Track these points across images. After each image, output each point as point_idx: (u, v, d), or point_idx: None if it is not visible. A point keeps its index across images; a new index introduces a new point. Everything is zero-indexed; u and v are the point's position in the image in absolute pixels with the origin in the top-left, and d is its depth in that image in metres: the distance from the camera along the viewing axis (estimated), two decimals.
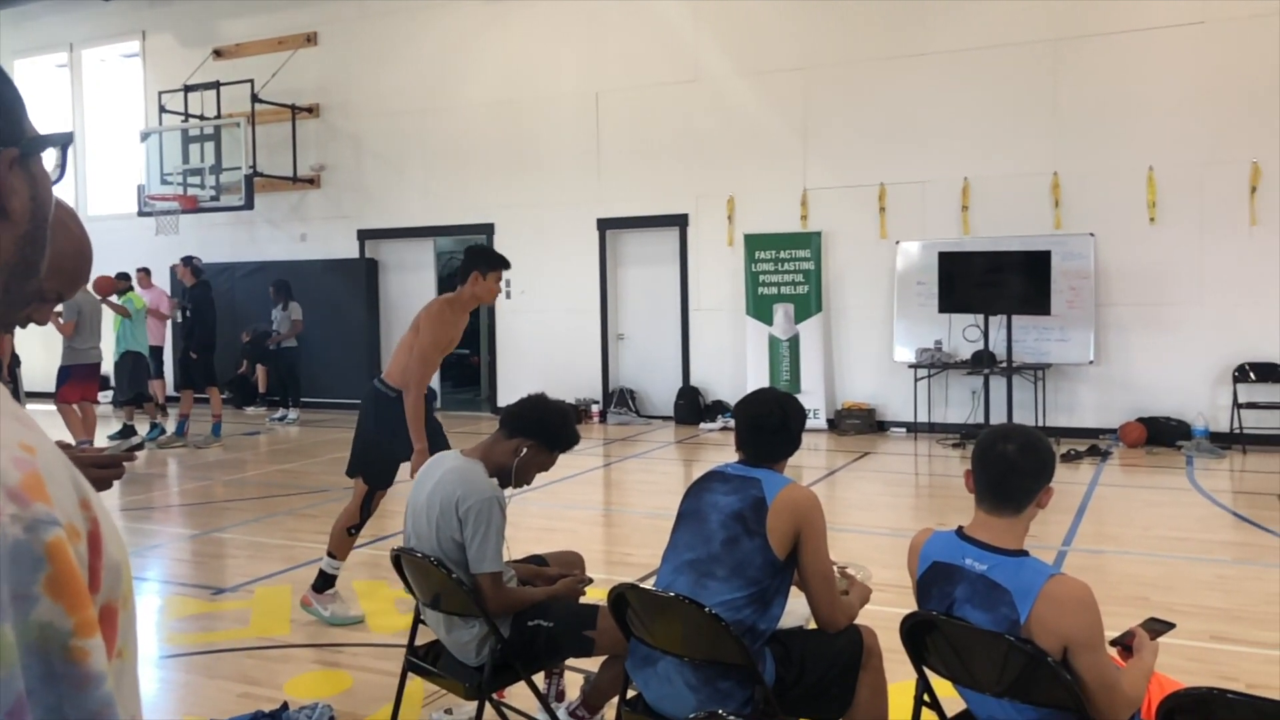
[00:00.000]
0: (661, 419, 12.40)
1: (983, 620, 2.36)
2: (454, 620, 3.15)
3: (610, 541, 6.73)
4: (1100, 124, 10.29)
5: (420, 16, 13.63)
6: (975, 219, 10.81)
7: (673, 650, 2.74)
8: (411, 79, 13.70)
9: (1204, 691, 2.02)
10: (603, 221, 12.70)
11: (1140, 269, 10.15)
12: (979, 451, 2.50)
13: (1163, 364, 10.09)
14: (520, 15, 13.05)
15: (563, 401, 3.39)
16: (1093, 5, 10.28)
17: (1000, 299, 10.04)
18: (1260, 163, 9.67)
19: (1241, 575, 5.54)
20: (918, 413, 10.88)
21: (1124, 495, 7.98)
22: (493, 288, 5.00)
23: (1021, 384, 10.39)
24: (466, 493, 3.07)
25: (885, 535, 6.51)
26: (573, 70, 12.74)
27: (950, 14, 10.84)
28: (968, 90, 10.78)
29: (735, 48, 11.89)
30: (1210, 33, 9.84)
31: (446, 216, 13.66)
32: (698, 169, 12.11)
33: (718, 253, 12.09)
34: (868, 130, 11.26)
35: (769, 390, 3.08)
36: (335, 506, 7.71)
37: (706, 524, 2.81)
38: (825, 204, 11.51)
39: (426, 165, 13.75)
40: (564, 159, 12.86)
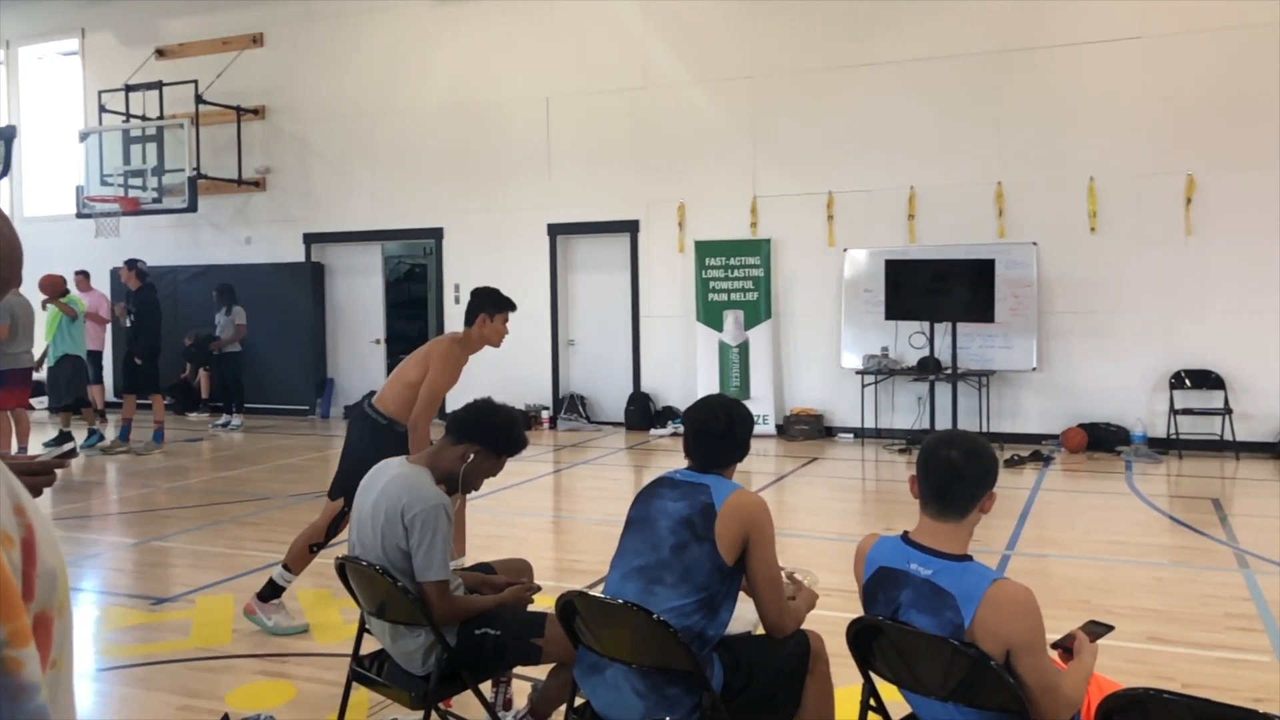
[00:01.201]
0: (612, 425, 12.39)
1: (927, 624, 2.39)
2: (400, 629, 3.11)
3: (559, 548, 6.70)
4: (1042, 135, 10.49)
5: (369, 19, 13.51)
6: (921, 228, 10.96)
7: (621, 657, 2.74)
8: (360, 82, 13.57)
9: (1141, 692, 2.05)
10: (553, 227, 12.67)
11: (1081, 277, 10.36)
12: (923, 458, 2.53)
13: (1103, 371, 10.30)
14: (470, 19, 12.99)
15: (509, 405, 3.36)
16: (1036, 19, 10.49)
17: (945, 306, 10.19)
18: (1195, 175, 9.93)
19: (1178, 578, 5.66)
20: (865, 418, 10.99)
21: (1066, 500, 8.13)
22: (500, 329, 5.17)
23: (966, 390, 10.54)
24: (412, 500, 3.03)
25: (833, 540, 6.56)
26: (523, 75, 12.71)
27: (897, 25, 10.99)
28: (914, 100, 10.94)
29: (686, 55, 11.94)
30: (1147, 48, 10.09)
31: (394, 221, 13.53)
32: (649, 175, 12.14)
33: (668, 259, 12.12)
34: (816, 138, 11.37)
35: (716, 397, 3.09)
36: (280, 514, 7.61)
37: (655, 530, 2.81)
38: (775, 211, 11.59)
39: (374, 169, 13.62)
40: (514, 164, 12.81)
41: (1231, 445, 9.66)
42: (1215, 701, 2.01)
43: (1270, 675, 4.11)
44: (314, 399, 13.95)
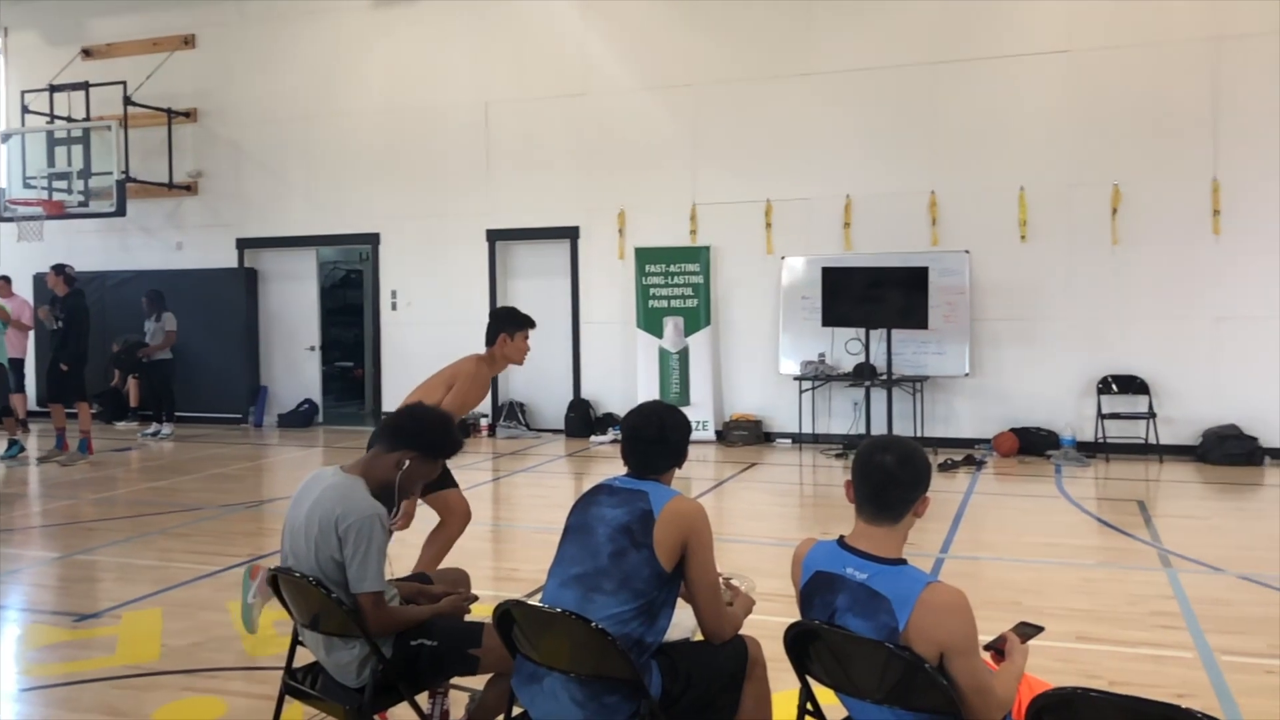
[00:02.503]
0: (552, 432, 12.35)
1: (863, 628, 2.41)
2: (334, 641, 3.06)
3: (498, 557, 6.65)
4: (975, 145, 10.71)
5: (304, 21, 13.32)
6: (857, 235, 11.11)
7: (559, 666, 2.72)
8: (295, 85, 13.37)
9: (1069, 691, 2.09)
10: (492, 233, 12.60)
11: (1012, 285, 10.59)
12: (858, 463, 2.55)
13: (1033, 376, 10.53)
14: (408, 23, 12.87)
15: (439, 407, 3.32)
16: (968, 31, 10.71)
17: (880, 313, 10.34)
18: (1121, 185, 10.21)
19: (1105, 578, 5.80)
20: (802, 424, 11.10)
21: (998, 503, 8.29)
22: (521, 346, 5.18)
23: (901, 395, 10.70)
24: (346, 510, 2.98)
25: (771, 545, 6.60)
26: (462, 80, 12.63)
27: (834, 36, 11.14)
28: (850, 110, 11.09)
29: (626, 62, 11.97)
30: (1075, 61, 10.35)
31: (330, 226, 13.35)
32: (589, 182, 12.13)
33: (608, 266, 12.13)
34: (755, 147, 11.47)
35: (651, 403, 3.09)
36: (210, 525, 7.44)
37: (593, 537, 2.81)
38: (714, 219, 11.66)
39: (309, 173, 13.42)
40: (453, 169, 12.72)
41: (1156, 448, 9.93)
42: (1140, 698, 2.06)
43: (1193, 671, 4.23)
44: (247, 407, 13.68)
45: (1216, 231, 9.95)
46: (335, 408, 14.63)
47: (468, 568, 3.77)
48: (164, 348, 12.58)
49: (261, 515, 7.87)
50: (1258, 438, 9.67)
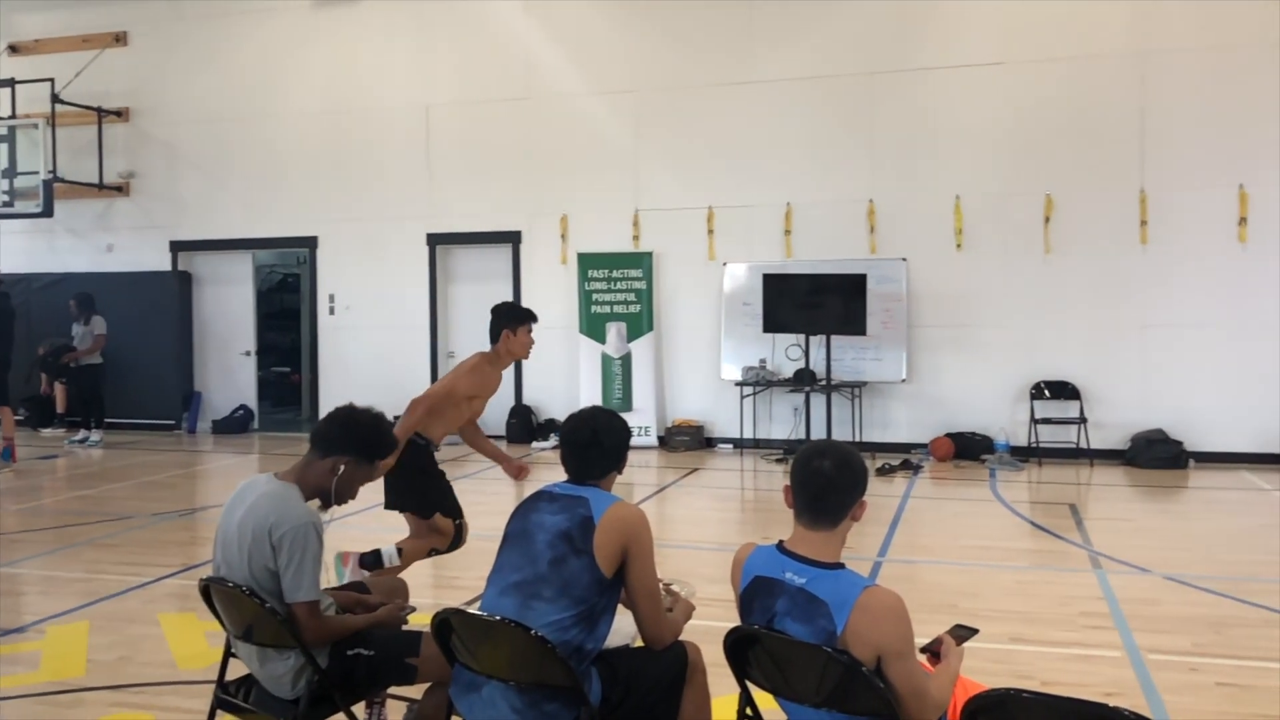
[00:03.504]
0: (493, 438, 12.19)
1: (802, 633, 2.42)
2: (268, 652, 2.99)
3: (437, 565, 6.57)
4: (912, 155, 10.89)
5: (241, 20, 13.09)
6: (797, 243, 11.22)
7: (498, 674, 2.70)
8: (231, 85, 13.13)
9: (1002, 692, 2.13)
10: (433, 236, 12.50)
11: (948, 292, 10.77)
12: (796, 468, 2.57)
13: (969, 382, 10.72)
14: (348, 24, 12.72)
15: (371, 408, 3.26)
16: (906, 42, 10.89)
17: (820, 320, 10.45)
18: (1053, 195, 10.45)
19: (1038, 580, 5.92)
20: (744, 429, 11.17)
21: (934, 507, 8.42)
22: (525, 340, 5.25)
23: (840, 401, 10.83)
24: (280, 518, 2.93)
25: (712, 550, 6.63)
26: (402, 82, 12.51)
27: (775, 45, 11.25)
28: (791, 119, 11.20)
29: (569, 67, 11.96)
30: (1009, 73, 10.58)
31: (267, 229, 13.13)
32: (531, 186, 12.09)
33: (551, 270, 12.09)
34: (697, 153, 11.54)
35: (588, 408, 3.10)
36: (141, 535, 7.26)
37: (533, 544, 2.79)
38: (656, 225, 11.70)
39: (246, 175, 13.18)
40: (393, 172, 12.59)
41: (1086, 453, 10.17)
42: (1070, 698, 2.10)
43: (1121, 670, 4.33)
44: (180, 413, 13.38)
45: (1144, 241, 10.23)
46: (271, 414, 14.39)
47: (406, 576, 3.73)
48: (93, 352, 12.25)
49: (194, 524, 7.70)
50: (1183, 442, 9.95)
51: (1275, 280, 9.89)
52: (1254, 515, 7.91)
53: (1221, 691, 4.10)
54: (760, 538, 2.77)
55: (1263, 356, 9.92)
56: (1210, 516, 8.07)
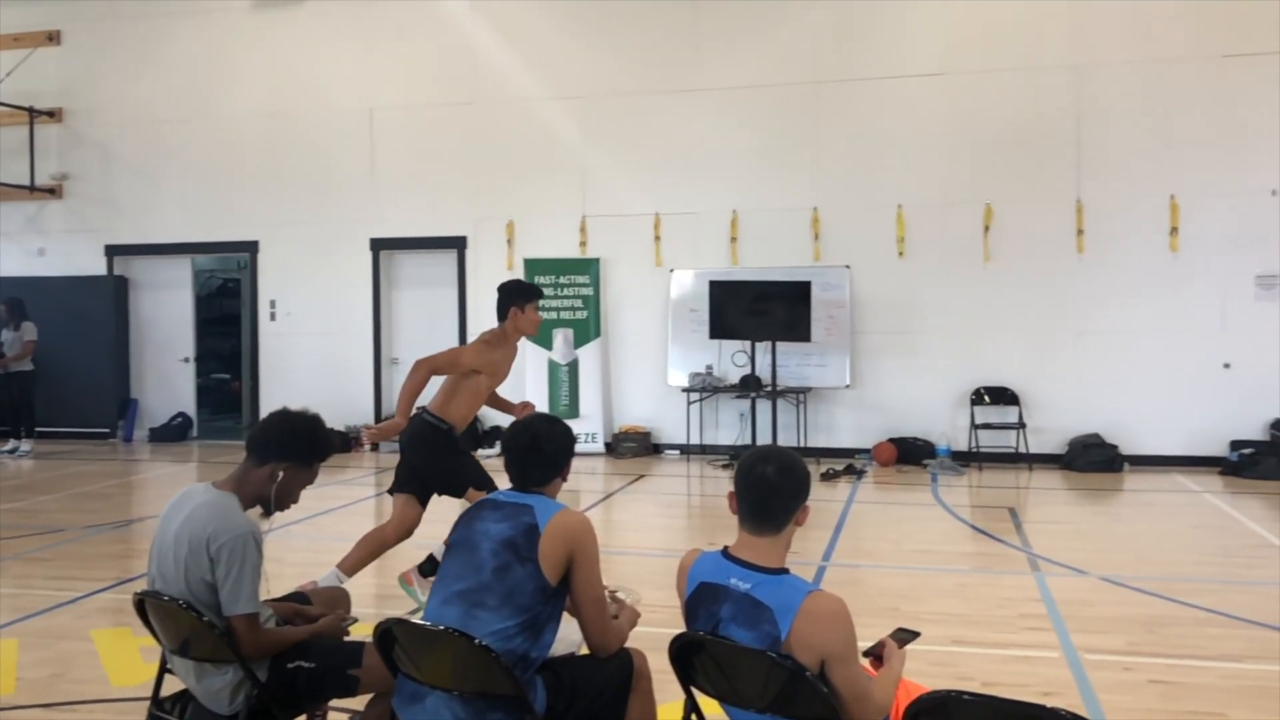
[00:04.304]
0: None
1: (746, 638, 2.43)
2: (205, 667, 2.93)
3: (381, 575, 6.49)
4: (855, 164, 11.02)
5: (180, 21, 12.85)
6: (743, 250, 11.29)
7: (442, 684, 2.67)
8: (168, 86, 12.88)
9: (943, 694, 2.16)
10: (377, 242, 12.37)
11: (890, 299, 10.92)
12: (740, 474, 2.59)
13: (910, 388, 10.87)
14: (290, 27, 12.56)
15: (306, 410, 3.21)
16: (850, 52, 11.03)
17: (765, 326, 10.54)
18: (992, 204, 10.65)
19: (978, 583, 6.02)
20: (690, 435, 11.20)
21: (877, 511, 8.52)
22: (533, 317, 5.27)
23: (785, 407, 10.91)
24: (218, 529, 2.87)
25: (659, 556, 6.64)
26: (346, 85, 12.37)
27: (722, 53, 11.32)
28: (737, 127, 11.28)
29: (515, 72, 11.92)
30: (949, 84, 10.77)
31: (206, 233, 12.89)
32: (477, 192, 12.03)
33: (497, 276, 11.97)
34: (644, 160, 11.56)
35: (532, 415, 3.09)
36: (74, 548, 7.06)
37: (477, 553, 2.77)
38: (603, 231, 11.70)
39: (184, 178, 12.94)
40: (336, 176, 12.44)
41: (1025, 457, 10.36)
42: (1008, 699, 2.14)
43: (1059, 670, 4.42)
44: (115, 421, 13.07)
45: (1080, 250, 10.46)
46: (210, 421, 14.12)
47: (349, 585, 3.67)
48: (23, 358, 11.91)
49: (130, 536, 7.52)
50: (1118, 445, 10.19)
51: (1205, 288, 10.18)
52: (1185, 517, 8.12)
53: (1154, 689, 4.19)
54: (706, 544, 2.77)
55: (1194, 362, 10.20)
56: (1144, 518, 8.27)
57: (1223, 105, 10.14)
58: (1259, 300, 10.12)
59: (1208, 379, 10.19)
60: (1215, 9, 10.15)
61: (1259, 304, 10.12)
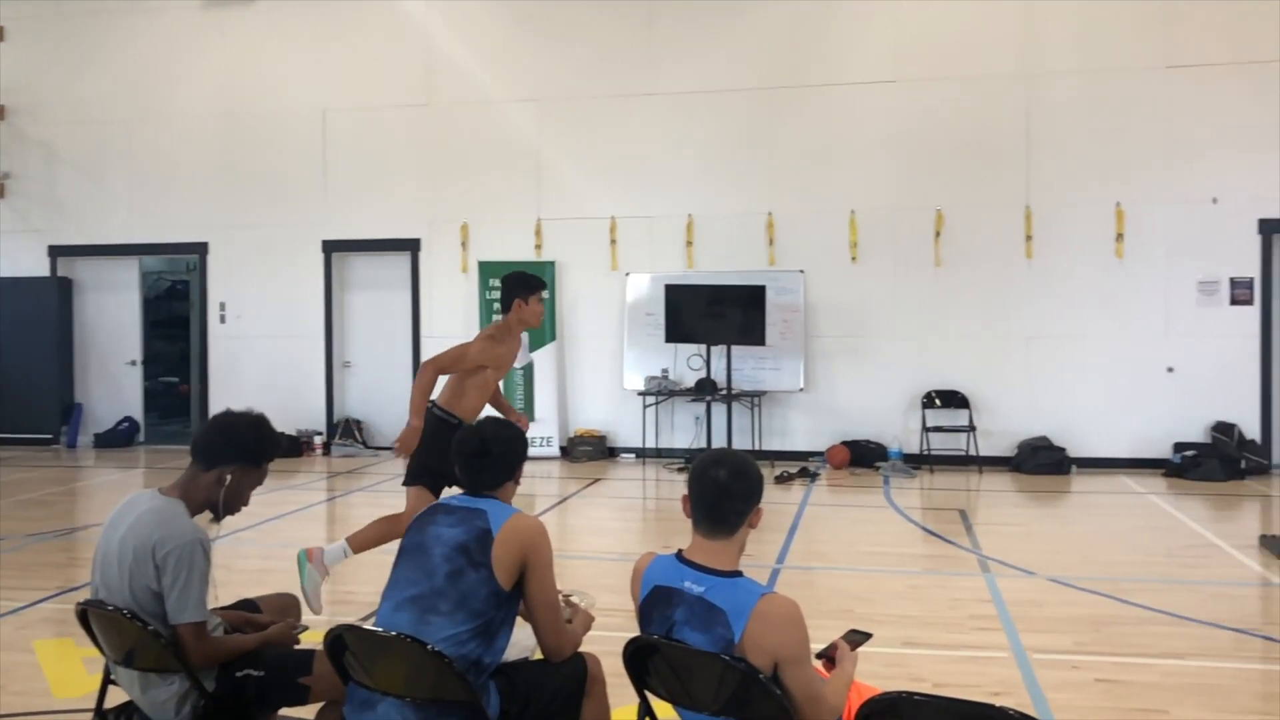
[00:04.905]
0: (390, 450, 12.02)
1: (700, 641, 2.44)
2: (150, 677, 2.87)
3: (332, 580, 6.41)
4: (809, 169, 11.11)
5: (128, 18, 12.62)
6: (699, 254, 11.33)
7: (394, 691, 2.65)
8: (115, 85, 12.64)
9: (894, 696, 2.18)
10: (329, 244, 12.23)
11: (843, 304, 11.02)
12: (693, 478, 2.60)
13: (863, 391, 10.98)
14: (241, 26, 12.38)
15: (248, 410, 3.16)
16: (805, 59, 11.12)
17: (721, 330, 10.58)
18: (943, 210, 10.79)
19: (930, 584, 6.09)
20: (646, 438, 11.21)
21: (831, 514, 8.58)
22: (536, 309, 5.31)
23: (740, 410, 10.96)
24: (164, 536, 2.81)
25: (614, 560, 6.63)
26: (298, 86, 12.23)
27: (678, 57, 11.36)
28: (692, 131, 11.32)
29: (470, 75, 11.86)
30: (901, 91, 10.89)
31: (154, 234, 12.66)
32: (430, 194, 11.95)
33: (451, 279, 11.95)
34: (599, 163, 11.56)
35: (484, 418, 3.07)
36: (13, 557, 6.90)
37: (429, 558, 2.75)
38: (559, 234, 11.67)
39: (131, 178, 12.70)
40: (287, 177, 12.29)
41: (975, 459, 10.50)
42: (959, 699, 2.16)
43: (1008, 670, 4.48)
44: (58, 426, 12.79)
45: (1029, 255, 10.63)
46: (158, 426, 13.86)
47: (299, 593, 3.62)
48: None
49: (73, 544, 7.36)
50: (1066, 448, 10.36)
51: (1149, 294, 10.40)
52: (1131, 518, 8.28)
53: (1100, 687, 4.27)
54: (661, 547, 2.78)
55: (1138, 366, 10.41)
56: (1091, 520, 8.42)
57: (1166, 115, 10.37)
58: (1200, 306, 10.36)
59: (1152, 383, 10.40)
60: (1159, 22, 10.38)
61: (1200, 309, 10.36)
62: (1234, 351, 10.31)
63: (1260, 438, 10.22)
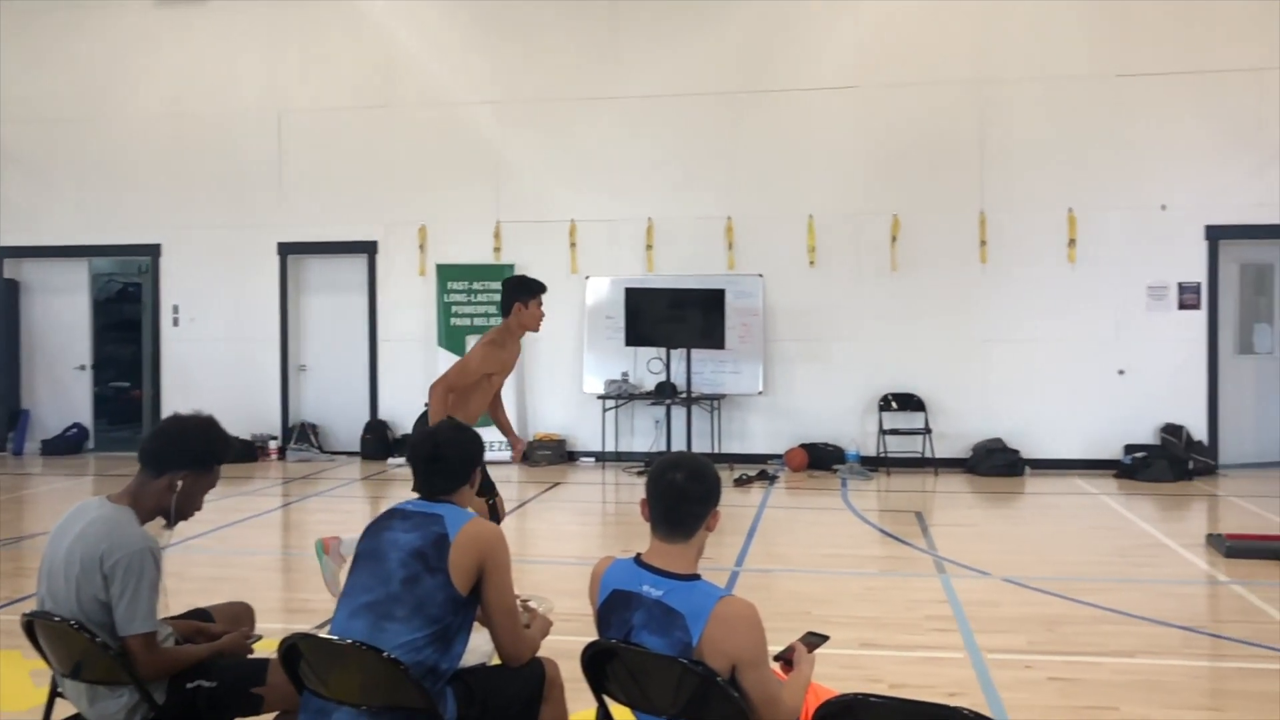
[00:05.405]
0: (347, 454, 11.92)
1: (658, 645, 2.44)
2: (98, 690, 2.81)
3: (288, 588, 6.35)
4: (768, 174, 11.18)
5: (76, 16, 12.38)
6: (659, 258, 11.35)
7: (350, 700, 2.62)
8: (64, 83, 12.40)
9: (851, 697, 2.19)
10: (284, 246, 12.09)
11: (802, 308, 11.09)
12: (651, 481, 2.60)
13: (821, 394, 11.06)
14: (195, 25, 12.21)
15: (196, 414, 3.10)
16: (765, 64, 11.18)
17: (681, 333, 10.61)
18: (900, 215, 10.90)
19: (887, 586, 6.14)
20: (605, 442, 11.20)
21: (789, 516, 8.63)
22: (536, 313, 5.30)
23: (700, 413, 10.99)
24: (113, 545, 2.75)
25: (573, 564, 6.62)
26: (254, 87, 12.08)
27: (638, 61, 11.37)
28: (653, 135, 11.34)
29: (428, 76, 11.79)
30: (861, 97, 10.99)
31: (104, 235, 12.43)
32: (388, 196, 11.85)
33: (409, 282, 11.86)
34: (559, 166, 11.54)
35: (442, 422, 3.05)
36: None
37: (385, 564, 2.72)
38: (518, 237, 11.63)
39: (82, 178, 12.46)
40: (242, 179, 12.13)
41: (931, 461, 10.61)
42: (914, 700, 2.18)
43: (963, 670, 4.53)
44: (4, 433, 12.51)
45: (984, 260, 10.77)
46: (108, 432, 13.58)
47: (254, 600, 3.57)
48: None
49: (19, 554, 7.19)
50: (1019, 450, 10.51)
51: (1101, 298, 10.58)
52: (1083, 518, 8.41)
53: (1053, 686, 4.33)
54: (620, 551, 2.77)
55: (1090, 369, 10.59)
56: (1044, 520, 8.55)
57: (1116, 123, 10.56)
58: (1150, 310, 10.56)
59: (1103, 385, 10.58)
60: (1110, 31, 10.57)
61: (1150, 313, 10.56)
62: (1182, 355, 10.53)
63: (1207, 439, 10.44)
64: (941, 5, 10.84)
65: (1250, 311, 10.83)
